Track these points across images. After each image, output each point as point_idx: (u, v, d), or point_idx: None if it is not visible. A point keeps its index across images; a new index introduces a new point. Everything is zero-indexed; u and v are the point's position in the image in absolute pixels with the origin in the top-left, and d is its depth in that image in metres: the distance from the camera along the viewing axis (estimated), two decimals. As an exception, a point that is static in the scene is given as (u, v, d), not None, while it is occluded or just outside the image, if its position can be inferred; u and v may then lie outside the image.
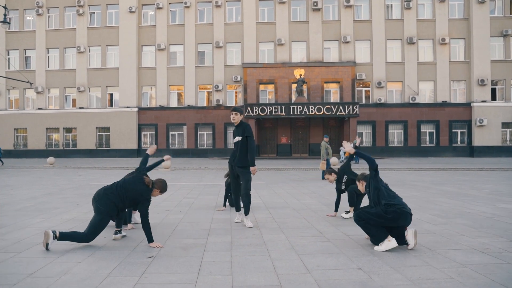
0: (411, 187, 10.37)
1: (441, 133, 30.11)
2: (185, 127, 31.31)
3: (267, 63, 30.62)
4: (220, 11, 31.06)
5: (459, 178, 13.16)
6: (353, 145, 5.06)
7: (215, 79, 30.96)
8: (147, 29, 31.58)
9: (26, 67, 32.37)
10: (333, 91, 30.83)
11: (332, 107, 26.90)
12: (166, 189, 4.48)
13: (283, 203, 7.51)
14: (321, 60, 30.49)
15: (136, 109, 31.23)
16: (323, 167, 12.86)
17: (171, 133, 31.48)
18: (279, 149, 30.79)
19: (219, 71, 30.97)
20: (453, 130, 30.26)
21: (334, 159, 15.60)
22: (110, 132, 31.42)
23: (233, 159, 5.43)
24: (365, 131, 30.48)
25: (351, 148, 4.38)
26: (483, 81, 29.19)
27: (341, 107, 26.81)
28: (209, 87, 31.33)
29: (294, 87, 29.92)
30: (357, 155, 4.36)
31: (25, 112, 32.13)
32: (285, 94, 30.44)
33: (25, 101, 32.48)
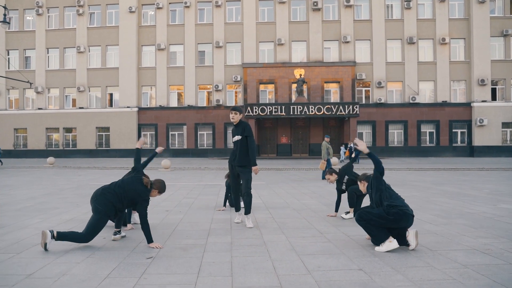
0: (411, 187, 10.35)
1: (441, 133, 30.10)
2: (185, 127, 31.29)
3: (267, 63, 30.60)
4: (220, 11, 31.05)
5: (459, 178, 13.14)
6: (353, 145, 5.00)
7: (215, 79, 30.94)
8: (147, 29, 31.57)
9: (26, 67, 32.36)
10: (333, 91, 30.81)
11: (332, 107, 26.89)
12: (164, 189, 4.47)
13: (283, 203, 7.49)
14: (321, 60, 30.47)
15: (136, 109, 31.21)
16: (323, 167, 12.85)
17: (171, 133, 31.46)
18: (279, 149, 30.77)
19: (219, 71, 30.95)
20: (453, 130, 30.25)
21: (334, 159, 15.59)
22: (110, 132, 31.41)
23: (233, 159, 5.40)
24: (365, 131, 30.47)
25: (365, 147, 4.25)
26: (483, 81, 29.18)
27: (341, 107, 26.80)
28: (209, 87, 31.32)
29: (294, 87, 29.91)
30: (370, 156, 4.17)
31: (25, 112, 32.12)
32: (285, 94, 30.42)
33: (25, 101, 32.47)
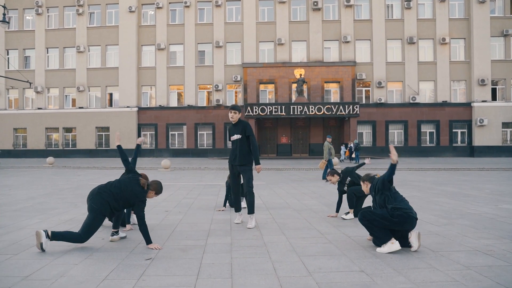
0: (412, 187, 10.31)
1: (441, 133, 30.07)
2: (185, 127, 31.25)
3: (267, 63, 30.56)
4: (220, 11, 31.01)
5: (459, 178, 13.11)
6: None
7: (215, 79, 30.90)
8: (147, 28, 31.53)
9: (25, 67, 32.31)
10: (333, 91, 30.78)
11: (332, 107, 26.86)
12: (161, 190, 4.44)
13: (283, 204, 7.45)
14: (321, 60, 30.44)
15: (135, 109, 31.17)
16: (322, 167, 12.83)
17: (171, 133, 31.42)
18: (279, 149, 30.73)
19: (219, 70, 30.91)
20: (454, 130, 30.21)
21: (335, 159, 15.56)
22: (109, 132, 31.37)
23: (233, 158, 5.36)
24: (365, 131, 30.44)
25: (396, 158, 4.05)
26: (483, 81, 29.14)
27: (341, 107, 26.76)
28: (209, 87, 31.28)
29: (294, 87, 29.87)
30: (393, 167, 4.04)
31: (25, 112, 32.08)
32: (285, 94, 30.39)
33: (24, 101, 32.43)
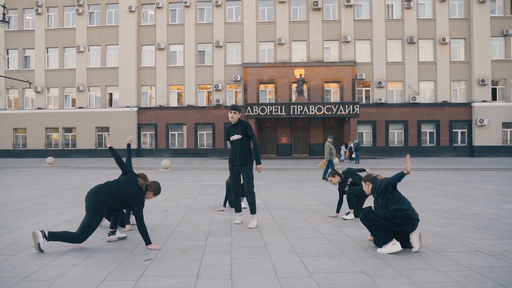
0: (412, 187, 10.28)
1: (441, 133, 30.05)
2: (185, 127, 31.23)
3: (267, 63, 30.54)
4: (220, 11, 30.98)
5: (460, 178, 13.08)
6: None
7: (215, 79, 30.88)
8: (147, 28, 31.51)
9: (25, 67, 32.29)
10: (333, 91, 30.76)
11: (332, 107, 26.83)
12: (159, 191, 4.40)
13: (283, 204, 7.42)
14: (321, 60, 30.42)
15: (135, 109, 31.15)
16: (322, 166, 12.82)
17: (171, 133, 31.40)
18: (279, 149, 30.71)
19: (219, 70, 30.89)
20: (454, 130, 30.19)
21: (335, 160, 15.54)
22: (109, 132, 31.33)
23: (234, 158, 5.35)
24: (366, 131, 30.42)
25: (410, 168, 3.96)
26: (483, 81, 29.13)
27: (341, 107, 26.74)
28: (209, 86, 31.26)
29: (294, 87, 29.85)
30: (403, 175, 3.97)
31: (24, 111, 32.05)
32: (285, 94, 30.36)
33: (24, 101, 32.40)
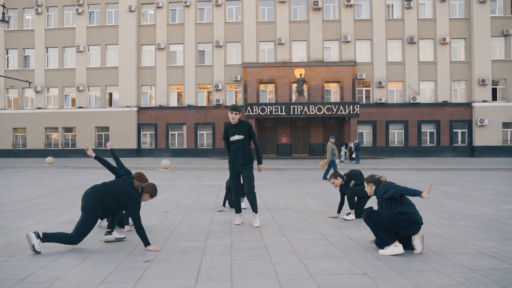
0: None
1: (441, 133, 30.00)
2: (185, 127, 31.18)
3: (267, 63, 30.49)
4: (220, 10, 30.93)
5: (460, 178, 13.04)
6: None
7: (215, 79, 30.83)
8: (147, 28, 31.45)
9: (25, 67, 32.23)
10: (334, 91, 30.71)
11: (332, 107, 26.78)
12: (156, 193, 4.35)
13: (284, 204, 7.38)
14: (322, 59, 30.37)
15: (135, 109, 31.10)
16: (324, 166, 12.79)
17: (170, 132, 31.35)
18: (279, 149, 30.66)
19: (219, 70, 30.84)
20: (454, 130, 30.14)
21: (336, 161, 15.47)
22: (109, 131, 31.28)
23: (234, 158, 5.34)
24: (366, 131, 30.37)
25: (428, 195, 3.88)
26: (483, 81, 29.07)
27: (341, 107, 26.69)
28: (209, 86, 31.21)
29: (294, 86, 29.80)
30: (415, 194, 3.92)
31: (24, 111, 31.99)
32: (285, 93, 30.32)
33: (24, 101, 32.35)
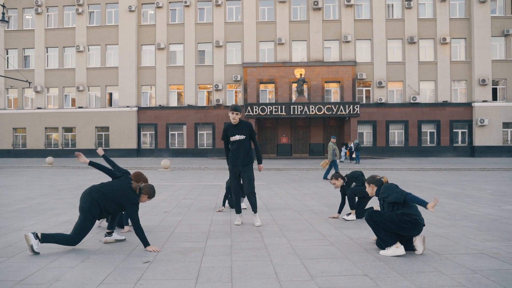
0: (413, 187, 10.22)
1: (442, 133, 29.97)
2: (185, 127, 31.16)
3: (267, 63, 30.47)
4: (220, 10, 30.91)
5: (461, 178, 13.02)
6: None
7: (215, 79, 30.81)
8: (147, 28, 31.44)
9: (25, 66, 32.22)
10: (334, 91, 30.69)
11: (332, 107, 26.76)
12: (154, 194, 4.33)
13: (284, 204, 7.36)
14: (322, 59, 30.35)
15: (135, 109, 31.08)
16: (324, 166, 12.79)
17: (170, 132, 31.33)
18: (279, 149, 30.64)
19: (219, 70, 30.82)
20: (454, 130, 30.12)
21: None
22: (109, 131, 31.27)
23: (235, 158, 5.34)
24: (366, 131, 30.35)
25: (432, 209, 3.76)
26: (484, 81, 29.05)
27: (341, 107, 26.67)
28: (209, 86, 31.19)
29: (294, 86, 29.78)
30: (420, 204, 3.80)
31: (24, 111, 31.98)
32: (286, 93, 30.29)
33: (24, 101, 32.33)
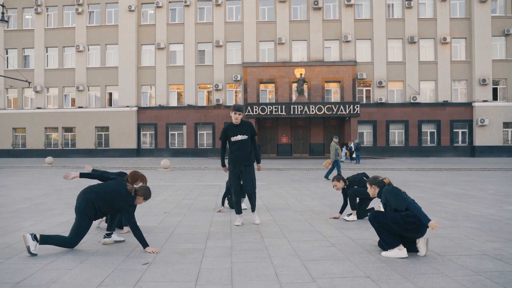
0: (414, 188, 10.18)
1: (442, 133, 29.93)
2: (184, 127, 31.12)
3: (267, 63, 30.42)
4: (220, 10, 30.86)
5: (461, 178, 12.98)
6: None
7: (215, 79, 30.76)
8: (147, 28, 31.39)
9: (24, 66, 32.17)
10: (334, 91, 30.64)
11: (332, 106, 26.71)
12: (149, 196, 4.26)
13: (284, 205, 7.32)
14: (322, 59, 30.30)
15: (135, 109, 31.03)
16: (327, 166, 12.78)
17: (170, 132, 31.28)
18: (280, 149, 30.60)
19: (219, 70, 30.77)
20: (454, 130, 30.07)
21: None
22: (109, 131, 31.23)
23: (236, 158, 5.33)
24: (366, 131, 30.30)
25: (433, 230, 3.67)
26: (484, 80, 29.00)
27: (341, 107, 26.62)
28: (209, 86, 31.14)
29: (294, 86, 29.73)
30: (421, 219, 3.69)
31: (24, 111, 31.93)
32: (286, 93, 30.25)
33: (23, 101, 32.28)
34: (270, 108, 26.99)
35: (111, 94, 31.68)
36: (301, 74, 28.52)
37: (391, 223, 3.72)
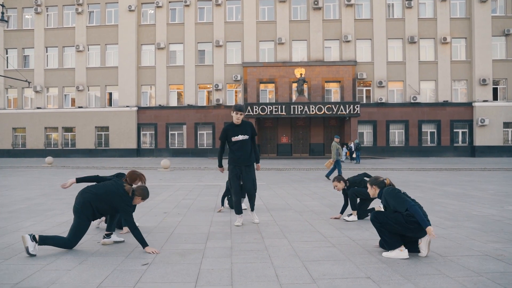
0: (414, 187, 10.16)
1: (442, 133, 29.91)
2: (184, 127, 31.10)
3: (267, 62, 30.41)
4: (220, 10, 30.84)
5: (462, 178, 12.96)
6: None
7: (215, 78, 30.74)
8: (147, 28, 31.37)
9: (24, 66, 32.15)
10: (334, 91, 30.62)
11: (332, 106, 26.70)
12: (147, 196, 4.26)
13: (284, 205, 7.30)
14: (322, 59, 30.28)
15: (135, 109, 31.01)
16: (329, 166, 12.77)
17: (170, 132, 31.27)
18: (280, 149, 30.58)
19: (219, 70, 30.75)
20: (455, 130, 30.06)
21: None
22: (109, 131, 31.21)
23: (236, 158, 5.32)
24: (366, 131, 30.29)
25: (430, 235, 3.59)
26: (484, 80, 28.99)
27: (341, 107, 26.61)
28: (209, 86, 31.12)
29: (294, 86, 29.72)
30: (420, 223, 3.63)
31: (24, 111, 31.92)
32: (286, 93, 30.23)
33: (23, 100, 32.27)
34: (270, 108, 26.98)
35: (111, 94, 31.66)
36: (301, 74, 28.51)
37: (393, 223, 3.70)
